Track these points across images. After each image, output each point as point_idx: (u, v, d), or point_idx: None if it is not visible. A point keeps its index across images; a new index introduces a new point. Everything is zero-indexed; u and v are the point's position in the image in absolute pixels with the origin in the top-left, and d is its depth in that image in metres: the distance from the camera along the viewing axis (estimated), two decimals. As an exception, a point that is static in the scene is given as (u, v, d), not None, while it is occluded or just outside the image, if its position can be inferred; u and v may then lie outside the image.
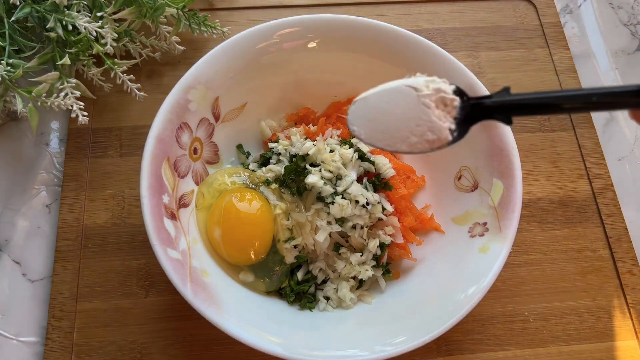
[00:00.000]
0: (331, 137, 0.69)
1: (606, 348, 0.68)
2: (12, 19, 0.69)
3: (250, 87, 0.72)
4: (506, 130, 0.64)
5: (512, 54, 0.87)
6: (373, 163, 0.66)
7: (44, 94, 0.70)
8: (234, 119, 0.72)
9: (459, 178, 0.69)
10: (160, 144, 0.61)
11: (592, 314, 0.69)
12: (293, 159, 0.68)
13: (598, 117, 0.83)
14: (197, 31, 0.80)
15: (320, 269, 0.66)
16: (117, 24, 0.75)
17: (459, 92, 0.46)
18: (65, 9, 0.70)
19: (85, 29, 0.68)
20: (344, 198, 0.62)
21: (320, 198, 0.64)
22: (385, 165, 0.67)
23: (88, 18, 0.69)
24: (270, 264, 0.65)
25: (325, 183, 0.63)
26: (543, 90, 0.40)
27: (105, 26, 0.70)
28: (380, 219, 0.65)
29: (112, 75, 0.76)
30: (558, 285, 0.71)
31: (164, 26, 0.78)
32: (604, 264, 0.72)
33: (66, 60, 0.69)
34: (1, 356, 0.65)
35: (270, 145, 0.72)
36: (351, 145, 0.68)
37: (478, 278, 0.58)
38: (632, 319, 0.69)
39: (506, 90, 0.43)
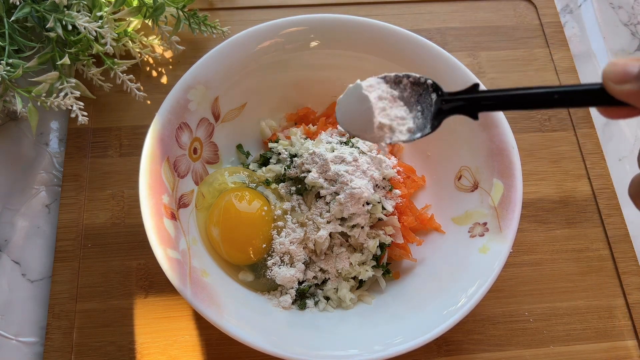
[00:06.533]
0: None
1: (606, 348, 0.68)
2: (12, 18, 0.69)
3: (250, 87, 0.71)
4: (506, 130, 0.64)
5: (512, 53, 0.87)
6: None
7: (44, 94, 0.70)
8: (234, 119, 0.72)
9: (459, 178, 0.69)
10: (160, 144, 0.61)
11: (592, 314, 0.69)
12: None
13: (598, 117, 0.83)
14: (197, 31, 0.79)
15: (320, 268, 0.65)
16: (117, 24, 0.75)
17: (434, 87, 0.47)
18: (65, 9, 0.69)
19: (85, 28, 0.68)
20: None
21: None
22: (385, 164, 0.67)
23: (88, 18, 0.69)
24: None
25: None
26: (508, 87, 0.43)
27: (105, 26, 0.70)
28: (380, 219, 0.65)
29: (111, 75, 0.76)
30: (558, 285, 0.71)
31: (164, 26, 0.78)
32: (604, 264, 0.72)
33: (66, 60, 0.69)
34: (1, 356, 0.65)
35: (270, 145, 0.72)
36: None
37: (478, 278, 0.58)
38: (632, 319, 0.69)
39: (475, 87, 0.45)
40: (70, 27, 0.69)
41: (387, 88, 0.49)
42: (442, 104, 0.46)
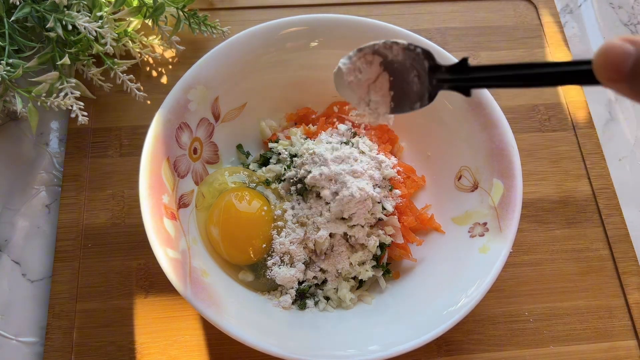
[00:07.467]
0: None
1: (606, 348, 0.68)
2: (12, 18, 0.69)
3: (250, 87, 0.71)
4: (506, 130, 0.64)
5: (512, 53, 0.87)
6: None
7: (44, 94, 0.70)
8: (234, 119, 0.72)
9: (459, 178, 0.69)
10: (160, 144, 0.61)
11: (592, 314, 0.69)
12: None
13: (598, 117, 0.83)
14: (197, 31, 0.79)
15: (320, 268, 0.65)
16: (117, 24, 0.75)
17: (426, 54, 0.46)
18: (65, 9, 0.69)
19: (85, 28, 0.68)
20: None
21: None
22: (385, 164, 0.67)
23: (88, 18, 0.69)
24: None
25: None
26: (500, 64, 0.41)
27: (105, 26, 0.70)
28: (380, 219, 0.65)
29: (111, 75, 0.76)
30: (558, 285, 0.71)
31: (164, 26, 0.78)
32: (604, 264, 0.72)
33: (66, 60, 0.69)
34: (1, 356, 0.65)
35: (270, 145, 0.72)
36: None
37: (478, 278, 0.58)
38: (632, 319, 0.69)
39: (463, 61, 0.43)
40: (70, 27, 0.69)
41: (376, 61, 0.49)
42: (434, 76, 0.45)
